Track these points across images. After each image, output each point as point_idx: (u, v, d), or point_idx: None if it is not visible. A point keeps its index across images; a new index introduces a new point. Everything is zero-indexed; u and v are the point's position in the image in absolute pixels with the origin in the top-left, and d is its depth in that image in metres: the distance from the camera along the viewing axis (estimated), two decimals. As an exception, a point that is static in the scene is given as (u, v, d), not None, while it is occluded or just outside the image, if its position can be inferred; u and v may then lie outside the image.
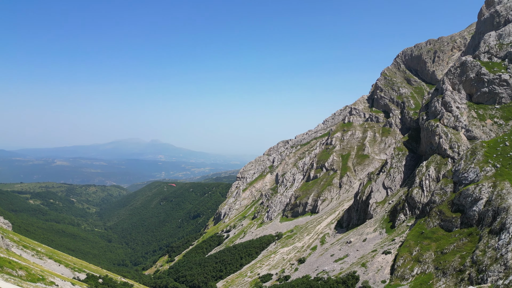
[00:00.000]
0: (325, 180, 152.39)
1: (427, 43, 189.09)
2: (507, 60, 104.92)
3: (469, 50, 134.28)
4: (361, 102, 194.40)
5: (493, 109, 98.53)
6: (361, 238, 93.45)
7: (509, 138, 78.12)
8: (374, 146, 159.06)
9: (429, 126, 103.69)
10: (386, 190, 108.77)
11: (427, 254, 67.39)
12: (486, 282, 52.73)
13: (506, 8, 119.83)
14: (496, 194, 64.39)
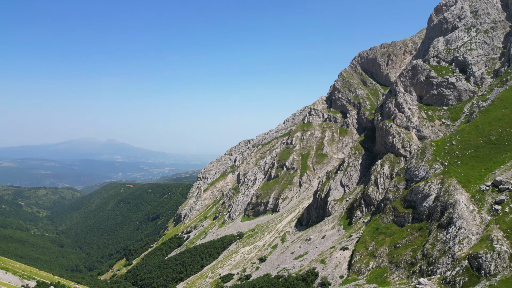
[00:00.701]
0: (286, 179, 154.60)
1: (381, 46, 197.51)
2: (454, 64, 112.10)
3: (420, 54, 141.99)
4: (320, 102, 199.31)
5: (441, 110, 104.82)
6: (320, 235, 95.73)
7: (456, 138, 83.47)
8: (332, 145, 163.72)
9: (383, 126, 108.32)
10: (344, 188, 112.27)
11: (382, 249, 70.34)
12: (436, 274, 55.97)
13: (453, 15, 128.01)
14: (444, 190, 68.51)
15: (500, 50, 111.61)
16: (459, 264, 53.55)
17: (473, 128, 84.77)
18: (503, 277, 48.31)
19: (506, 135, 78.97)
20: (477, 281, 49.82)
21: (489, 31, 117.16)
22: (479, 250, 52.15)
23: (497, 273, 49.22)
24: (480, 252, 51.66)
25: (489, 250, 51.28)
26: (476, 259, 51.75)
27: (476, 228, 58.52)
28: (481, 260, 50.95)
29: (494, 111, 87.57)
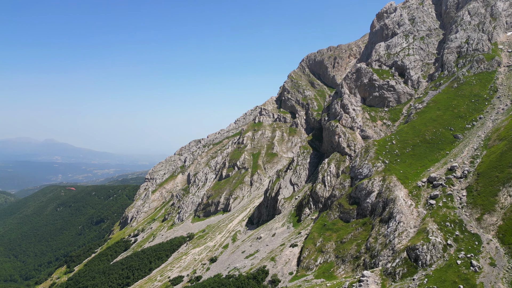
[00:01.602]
0: (237, 179, 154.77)
1: (328, 49, 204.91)
2: (393, 68, 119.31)
3: (363, 57, 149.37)
4: (270, 103, 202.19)
5: (383, 111, 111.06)
6: (270, 233, 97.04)
7: (395, 138, 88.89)
8: (282, 145, 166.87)
9: (330, 126, 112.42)
10: (293, 186, 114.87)
11: (329, 244, 72.93)
12: (378, 266, 59.13)
13: (393, 22, 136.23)
14: (385, 187, 72.64)
15: (434, 56, 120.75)
16: (398, 256, 57.04)
17: (411, 128, 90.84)
18: (438, 266, 52.27)
19: (439, 135, 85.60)
20: (415, 271, 53.43)
21: (425, 38, 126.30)
22: (416, 242, 55.96)
23: (432, 263, 53.13)
24: (417, 244, 55.44)
25: (425, 242, 55.21)
26: (413, 250, 55.44)
27: (414, 222, 62.75)
28: (418, 252, 54.69)
29: (429, 112, 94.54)
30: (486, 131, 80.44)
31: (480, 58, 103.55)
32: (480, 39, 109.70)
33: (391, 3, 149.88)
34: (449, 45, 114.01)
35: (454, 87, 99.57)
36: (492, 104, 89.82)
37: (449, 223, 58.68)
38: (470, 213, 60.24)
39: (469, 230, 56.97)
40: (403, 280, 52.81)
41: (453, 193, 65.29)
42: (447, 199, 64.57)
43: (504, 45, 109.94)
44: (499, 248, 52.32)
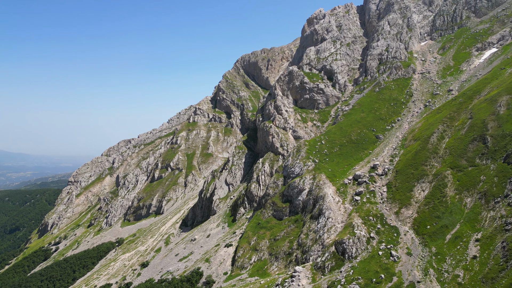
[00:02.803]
0: (171, 180, 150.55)
1: (262, 51, 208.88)
2: (323, 72, 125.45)
3: (295, 61, 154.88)
4: (205, 102, 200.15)
5: (313, 113, 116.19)
6: (205, 235, 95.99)
7: (324, 138, 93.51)
8: (218, 145, 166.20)
9: (264, 127, 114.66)
10: (228, 186, 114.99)
11: (263, 243, 74.24)
12: (309, 261, 61.61)
13: (322, 28, 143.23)
14: (315, 185, 75.99)
15: (359, 61, 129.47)
16: (327, 250, 60.02)
17: (338, 129, 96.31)
18: (362, 258, 55.99)
19: (363, 135, 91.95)
20: (342, 264, 56.65)
21: (351, 45, 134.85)
22: (343, 237, 59.39)
23: (357, 255, 56.79)
24: (344, 238, 58.86)
25: (351, 236, 58.82)
26: (341, 244, 58.74)
27: (341, 217, 66.54)
28: (345, 245, 58.07)
29: (354, 114, 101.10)
30: (403, 132, 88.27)
31: (398, 65, 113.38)
32: (398, 48, 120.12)
33: (320, 10, 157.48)
34: (372, 52, 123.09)
35: (376, 91, 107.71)
36: (408, 108, 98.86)
37: (372, 217, 63.23)
38: (390, 208, 65.57)
39: (389, 223, 61.97)
40: (331, 273, 55.65)
41: (375, 189, 70.53)
42: (370, 195, 69.54)
43: (419, 54, 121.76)
44: (414, 238, 57.66)
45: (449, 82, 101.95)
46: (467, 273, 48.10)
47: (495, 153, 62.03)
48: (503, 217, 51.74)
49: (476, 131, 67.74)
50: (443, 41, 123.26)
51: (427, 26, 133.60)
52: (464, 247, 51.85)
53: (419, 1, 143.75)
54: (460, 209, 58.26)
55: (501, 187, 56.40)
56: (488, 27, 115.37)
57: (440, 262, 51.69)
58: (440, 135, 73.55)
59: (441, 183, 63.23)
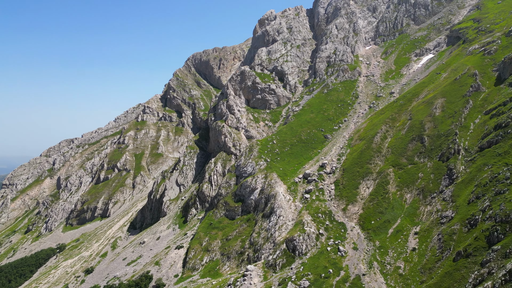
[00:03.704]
0: (118, 181, 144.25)
1: (213, 50, 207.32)
2: (274, 73, 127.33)
3: (247, 61, 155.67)
4: (154, 101, 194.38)
5: (265, 113, 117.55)
6: (155, 237, 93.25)
7: (276, 138, 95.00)
8: (168, 144, 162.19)
9: (216, 126, 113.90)
10: (179, 187, 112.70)
11: (215, 243, 73.72)
12: (261, 259, 62.19)
13: (274, 29, 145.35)
14: (267, 184, 76.91)
15: (308, 63, 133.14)
16: (279, 248, 61.02)
17: (289, 129, 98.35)
18: (312, 254, 57.64)
19: (312, 135, 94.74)
20: (293, 261, 57.90)
21: (301, 47, 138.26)
22: (294, 234, 60.72)
23: (307, 251, 58.36)
24: (295, 236, 60.20)
25: (301, 233, 60.31)
26: (291, 242, 60.00)
27: (292, 215, 68.00)
28: (296, 242, 59.41)
29: (304, 115, 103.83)
30: (349, 132, 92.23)
31: (345, 68, 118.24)
32: (345, 51, 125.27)
33: (272, 11, 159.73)
34: (320, 54, 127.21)
35: (325, 93, 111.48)
36: (354, 109, 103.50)
37: (321, 214, 65.34)
38: (338, 205, 68.19)
39: (337, 220, 64.43)
40: (282, 270, 56.67)
41: (324, 187, 72.98)
42: (319, 193, 71.81)
43: (364, 58, 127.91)
44: (360, 233, 60.47)
45: (391, 85, 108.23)
46: (407, 264, 51.37)
47: (431, 152, 66.88)
48: (439, 211, 55.92)
49: (415, 131, 72.56)
50: (385, 46, 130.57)
51: (371, 32, 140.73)
52: (405, 240, 55.31)
53: (364, 7, 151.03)
54: (401, 204, 62.08)
55: (436, 183, 60.94)
56: (425, 34, 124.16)
57: (383, 255, 54.70)
58: (383, 135, 77.82)
59: (384, 180, 66.93)
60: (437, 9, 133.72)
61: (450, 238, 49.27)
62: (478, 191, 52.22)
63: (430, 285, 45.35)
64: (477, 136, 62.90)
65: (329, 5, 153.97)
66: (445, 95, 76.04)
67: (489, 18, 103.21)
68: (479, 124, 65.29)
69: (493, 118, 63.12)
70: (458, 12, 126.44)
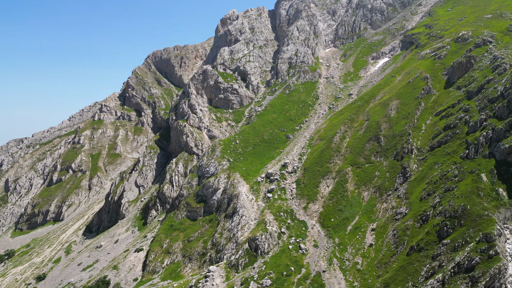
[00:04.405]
0: (72, 183, 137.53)
1: (175, 48, 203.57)
2: (237, 73, 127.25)
3: (209, 60, 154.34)
4: (112, 99, 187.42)
5: (227, 112, 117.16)
6: (112, 240, 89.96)
7: (239, 137, 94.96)
8: (127, 144, 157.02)
9: (177, 126, 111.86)
10: (139, 188, 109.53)
11: (176, 245, 72.37)
12: (223, 260, 61.86)
13: (236, 29, 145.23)
14: (230, 184, 76.66)
15: (270, 64, 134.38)
16: (241, 247, 61.03)
17: (252, 129, 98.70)
18: (274, 253, 58.19)
19: (275, 135, 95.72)
20: (255, 260, 58.13)
21: (263, 47, 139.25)
22: (256, 233, 60.99)
23: (269, 250, 58.84)
24: (257, 235, 60.48)
25: (264, 232, 60.70)
26: (254, 241, 60.22)
27: (254, 214, 68.27)
28: (258, 242, 59.70)
29: (267, 115, 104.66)
30: (310, 132, 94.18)
31: (306, 69, 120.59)
32: (306, 53, 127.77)
33: (234, 11, 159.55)
34: (282, 55, 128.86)
35: (286, 94, 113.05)
36: (315, 109, 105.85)
37: (283, 213, 66.16)
38: (299, 203, 69.37)
39: (298, 218, 65.53)
40: (245, 270, 56.73)
41: (286, 186, 73.97)
42: (281, 192, 72.68)
43: (324, 60, 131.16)
44: (320, 231, 61.90)
45: (349, 87, 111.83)
46: (365, 260, 53.28)
47: (387, 151, 69.86)
48: (394, 208, 58.53)
49: (372, 131, 75.45)
50: (344, 49, 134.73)
51: (331, 34, 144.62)
52: (362, 237, 57.34)
53: (324, 10, 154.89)
54: (359, 202, 64.30)
55: (392, 181, 63.74)
56: (381, 38, 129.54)
57: (342, 251, 56.37)
58: (342, 135, 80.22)
59: (343, 179, 69.00)
60: (392, 14, 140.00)
61: (404, 233, 51.72)
62: (429, 188, 55.24)
63: (386, 279, 47.34)
64: (429, 136, 66.55)
65: (290, 7, 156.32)
66: (399, 97, 79.73)
67: (440, 24, 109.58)
68: (430, 125, 69.10)
69: (442, 119, 67.05)
70: (411, 18, 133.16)
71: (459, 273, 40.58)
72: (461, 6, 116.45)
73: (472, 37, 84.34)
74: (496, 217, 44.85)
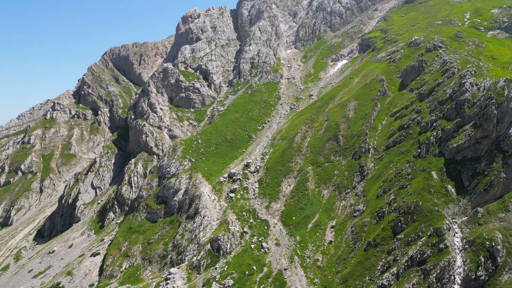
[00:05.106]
0: (22, 185, 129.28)
1: (134, 45, 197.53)
2: (198, 72, 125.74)
3: (170, 58, 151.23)
4: (66, 97, 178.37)
5: (189, 112, 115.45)
6: (66, 245, 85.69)
7: (201, 137, 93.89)
8: (82, 144, 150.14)
9: (137, 125, 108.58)
10: (95, 190, 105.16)
11: (135, 248, 70.24)
12: (185, 261, 60.90)
13: (197, 27, 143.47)
14: (191, 184, 75.60)
15: (233, 64, 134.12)
16: (203, 248, 60.40)
17: (214, 129, 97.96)
18: (236, 252, 58.13)
19: (237, 135, 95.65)
20: (217, 261, 57.77)
21: (225, 47, 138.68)
22: (219, 234, 60.62)
23: (232, 250, 58.72)
24: (219, 235, 60.12)
25: (226, 232, 60.45)
26: (216, 241, 59.82)
27: (217, 215, 67.82)
28: (220, 242, 59.37)
29: (229, 115, 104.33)
30: (272, 132, 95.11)
31: (268, 70, 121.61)
32: (268, 54, 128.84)
33: (195, 9, 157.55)
34: (244, 55, 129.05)
35: (249, 93, 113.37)
36: (277, 110, 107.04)
37: (245, 213, 66.28)
38: (261, 202, 69.82)
39: (261, 217, 65.94)
40: (207, 271, 56.22)
41: (249, 186, 74.15)
42: (244, 191, 72.75)
43: (285, 61, 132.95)
44: (282, 229, 62.68)
45: (310, 88, 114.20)
46: (325, 256, 54.66)
47: (345, 151, 72.10)
48: (352, 206, 60.52)
49: (331, 131, 77.55)
50: (305, 51, 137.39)
51: (292, 36, 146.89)
52: (322, 234, 58.78)
53: (285, 12, 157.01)
54: (319, 200, 65.83)
55: (350, 179, 65.87)
56: (340, 41, 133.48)
57: (303, 249, 57.45)
58: (303, 135, 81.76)
59: (304, 177, 70.32)
60: (350, 18, 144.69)
61: (362, 230, 53.65)
62: (385, 186, 57.70)
63: (344, 275, 48.86)
64: (384, 136, 69.49)
65: (252, 7, 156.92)
66: (357, 98, 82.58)
67: (394, 29, 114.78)
68: (385, 125, 72.18)
69: (397, 120, 70.29)
70: (368, 22, 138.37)
71: (412, 266, 42.74)
72: (414, 13, 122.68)
73: (423, 42, 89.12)
74: (445, 212, 47.73)
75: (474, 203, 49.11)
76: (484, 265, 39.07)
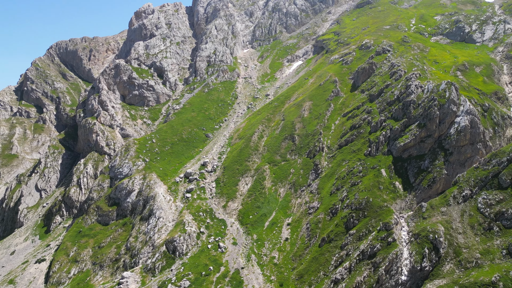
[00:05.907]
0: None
1: (83, 39, 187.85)
2: (153, 69, 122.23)
3: (122, 54, 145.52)
4: (7, 93, 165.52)
5: (143, 110, 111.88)
6: (8, 251, 79.65)
7: (155, 136, 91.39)
8: (25, 144, 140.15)
9: (86, 123, 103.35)
10: (40, 192, 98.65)
11: (85, 252, 66.92)
12: (139, 264, 58.99)
13: (152, 23, 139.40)
14: (146, 185, 73.36)
15: (189, 61, 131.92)
16: (158, 250, 58.87)
17: (170, 127, 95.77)
18: (193, 253, 57.33)
19: (194, 134, 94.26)
20: (173, 262, 56.61)
21: (181, 44, 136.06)
22: (174, 235, 59.41)
23: (188, 251, 57.82)
24: (175, 236, 58.95)
25: (182, 233, 59.39)
26: (172, 243, 58.58)
27: (172, 216, 66.40)
28: (176, 243, 58.24)
29: (185, 113, 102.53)
30: (230, 131, 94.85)
31: (224, 69, 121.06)
32: (224, 52, 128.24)
33: (149, 4, 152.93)
34: (201, 53, 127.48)
35: (205, 92, 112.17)
36: (234, 109, 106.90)
37: (202, 213, 65.54)
38: (219, 202, 69.41)
39: (218, 217, 65.55)
40: (162, 273, 54.88)
41: (205, 186, 73.40)
42: (200, 191, 71.89)
43: (242, 60, 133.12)
44: (239, 228, 62.75)
45: (266, 88, 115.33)
46: (281, 254, 55.52)
47: (301, 150, 73.70)
48: (307, 203, 62.01)
49: (287, 131, 78.90)
50: (261, 51, 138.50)
51: (248, 35, 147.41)
52: (279, 232, 59.65)
53: (241, 11, 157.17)
54: (275, 198, 66.73)
55: (305, 178, 67.44)
56: (296, 42, 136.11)
57: (260, 247, 57.95)
58: (260, 134, 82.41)
59: (261, 176, 70.91)
60: (305, 20, 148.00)
61: (316, 226, 55.16)
62: (338, 183, 59.75)
63: (300, 271, 49.97)
64: (337, 135, 71.94)
65: (208, 5, 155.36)
66: (312, 99, 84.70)
67: (347, 32, 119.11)
68: (338, 125, 74.74)
69: (349, 120, 73.05)
70: (322, 24, 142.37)
71: (363, 260, 44.66)
72: (365, 17, 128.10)
73: (373, 46, 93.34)
74: (393, 208, 50.39)
75: (419, 198, 52.34)
76: (428, 256, 41.74)
